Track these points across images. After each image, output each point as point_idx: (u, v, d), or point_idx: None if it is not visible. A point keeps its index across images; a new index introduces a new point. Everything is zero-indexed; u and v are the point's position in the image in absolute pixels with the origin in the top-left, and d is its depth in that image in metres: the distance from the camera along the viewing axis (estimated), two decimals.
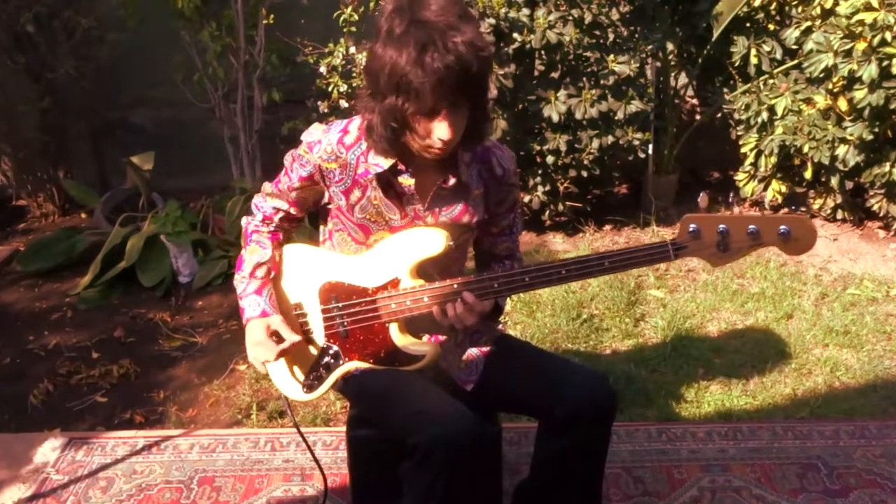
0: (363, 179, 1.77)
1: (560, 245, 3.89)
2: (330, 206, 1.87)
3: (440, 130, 1.61)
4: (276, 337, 1.83)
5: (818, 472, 2.38)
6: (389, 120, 1.62)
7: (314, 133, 1.81)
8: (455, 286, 1.74)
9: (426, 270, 1.81)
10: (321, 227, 1.97)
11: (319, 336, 1.90)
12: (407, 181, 1.75)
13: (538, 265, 1.72)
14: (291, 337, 1.83)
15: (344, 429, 2.09)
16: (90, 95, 4.27)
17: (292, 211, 1.92)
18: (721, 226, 1.64)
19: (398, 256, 1.80)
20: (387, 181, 1.76)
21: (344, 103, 3.68)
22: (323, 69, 3.74)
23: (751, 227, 1.63)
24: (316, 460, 2.16)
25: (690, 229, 1.65)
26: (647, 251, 1.68)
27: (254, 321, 1.84)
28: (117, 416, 2.76)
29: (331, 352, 1.88)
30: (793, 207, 3.90)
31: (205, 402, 2.83)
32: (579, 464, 1.85)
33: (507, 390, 1.89)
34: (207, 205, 3.93)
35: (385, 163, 1.73)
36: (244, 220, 1.97)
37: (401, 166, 1.74)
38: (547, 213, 3.89)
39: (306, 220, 2.02)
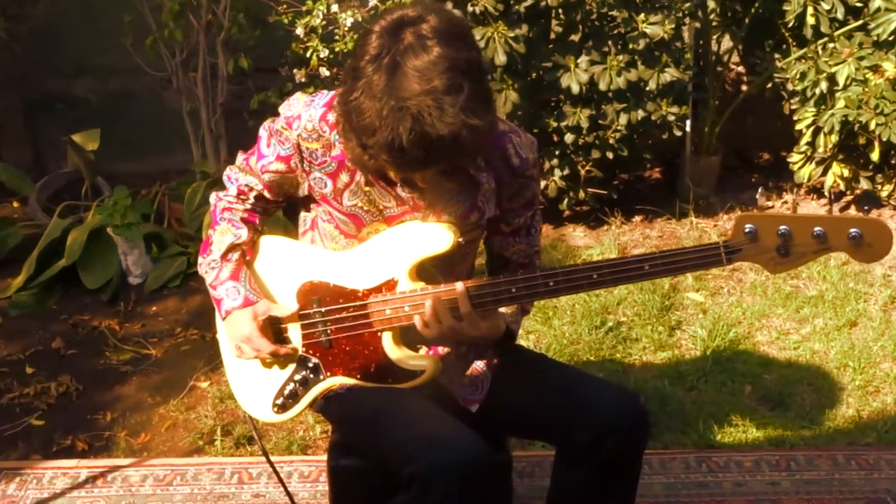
0: (350, 162, 1.76)
1: (581, 239, 3.89)
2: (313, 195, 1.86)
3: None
4: (266, 325, 1.84)
5: None
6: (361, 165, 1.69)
7: (294, 106, 1.80)
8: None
9: (428, 271, 1.81)
10: (302, 215, 1.96)
11: (296, 346, 1.89)
12: None
13: (564, 268, 1.72)
14: (286, 311, 1.85)
15: (325, 458, 2.09)
16: (23, 62, 4.26)
17: (266, 194, 1.91)
18: (782, 227, 1.65)
19: (396, 253, 1.79)
20: None
21: (325, 71, 3.67)
22: (300, 31, 3.72)
23: (816, 229, 1.64)
24: (289, 495, 2.16)
25: (746, 230, 1.66)
26: (695, 254, 1.69)
27: (236, 313, 1.84)
28: (56, 442, 2.76)
29: (309, 364, 1.88)
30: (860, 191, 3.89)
31: (160, 425, 2.83)
32: (604, 498, 1.85)
33: (519, 411, 1.89)
34: (163, 192, 3.93)
35: None
36: (213, 197, 1.96)
37: None
38: (566, 201, 3.89)
39: (280, 211, 2.00)
